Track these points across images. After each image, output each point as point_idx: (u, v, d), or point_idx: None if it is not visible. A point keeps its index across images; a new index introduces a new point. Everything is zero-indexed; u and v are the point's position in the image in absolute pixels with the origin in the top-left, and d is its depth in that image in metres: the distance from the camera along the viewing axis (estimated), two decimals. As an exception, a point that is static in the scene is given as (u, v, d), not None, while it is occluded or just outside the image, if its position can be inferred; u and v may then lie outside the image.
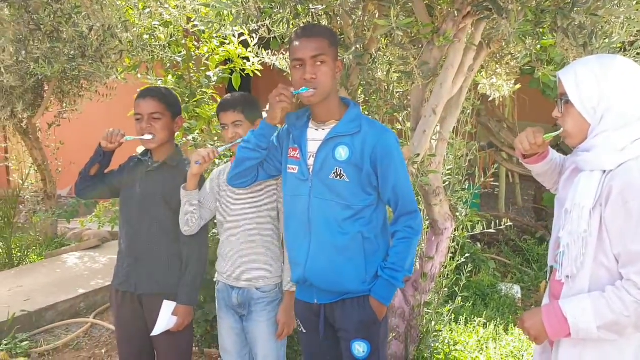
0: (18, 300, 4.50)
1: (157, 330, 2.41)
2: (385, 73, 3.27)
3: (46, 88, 6.29)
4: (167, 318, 2.41)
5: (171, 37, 4.10)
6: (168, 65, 4.36)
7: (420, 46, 2.85)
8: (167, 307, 2.42)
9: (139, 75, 4.40)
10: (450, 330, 3.86)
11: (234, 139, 2.37)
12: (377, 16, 3.02)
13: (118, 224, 2.66)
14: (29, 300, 4.55)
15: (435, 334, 3.43)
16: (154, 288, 2.45)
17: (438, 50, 2.75)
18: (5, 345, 3.83)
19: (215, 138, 4.18)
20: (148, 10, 4.13)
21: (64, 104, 6.52)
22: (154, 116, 2.40)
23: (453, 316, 3.80)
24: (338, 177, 2.07)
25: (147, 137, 2.39)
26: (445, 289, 3.35)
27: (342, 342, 2.20)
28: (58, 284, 5.00)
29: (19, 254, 6.09)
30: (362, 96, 3.13)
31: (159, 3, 4.13)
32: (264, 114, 2.29)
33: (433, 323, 3.31)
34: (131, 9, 4.10)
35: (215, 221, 2.59)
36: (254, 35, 4.00)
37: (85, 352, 3.95)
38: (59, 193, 7.12)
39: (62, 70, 3.91)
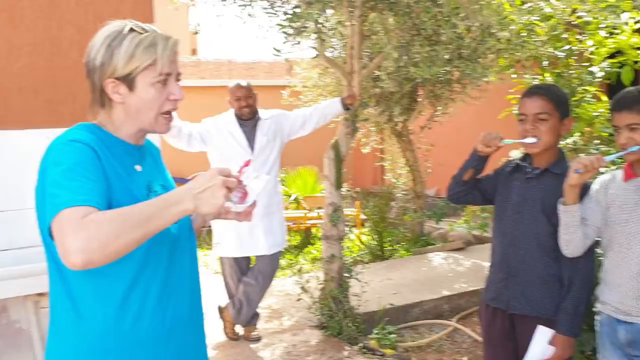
0: (387, 293, 4.80)
1: (530, 358, 2.15)
2: None
3: (420, 92, 6.64)
4: (542, 347, 2.13)
5: (553, 30, 3.74)
6: (545, 62, 4.02)
7: None
8: (543, 335, 2.13)
9: (513, 75, 4.19)
10: None
11: (627, 145, 1.96)
12: None
13: (489, 231, 2.49)
14: (397, 294, 4.80)
15: None
16: (528, 309, 2.20)
17: None
18: (376, 334, 4.08)
19: (597, 141, 3.69)
20: (528, 5, 3.87)
21: (437, 108, 6.78)
22: (540, 117, 2.13)
23: None
24: None
25: (530, 140, 2.14)
26: None
27: None
28: (423, 281, 5.18)
29: (389, 248, 6.58)
30: None
31: (539, -4, 3.84)
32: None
33: None
34: (510, 5, 3.90)
35: (598, 239, 2.18)
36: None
37: (447, 357, 3.94)
38: (426, 193, 7.47)
39: (436, 74, 4.01)
